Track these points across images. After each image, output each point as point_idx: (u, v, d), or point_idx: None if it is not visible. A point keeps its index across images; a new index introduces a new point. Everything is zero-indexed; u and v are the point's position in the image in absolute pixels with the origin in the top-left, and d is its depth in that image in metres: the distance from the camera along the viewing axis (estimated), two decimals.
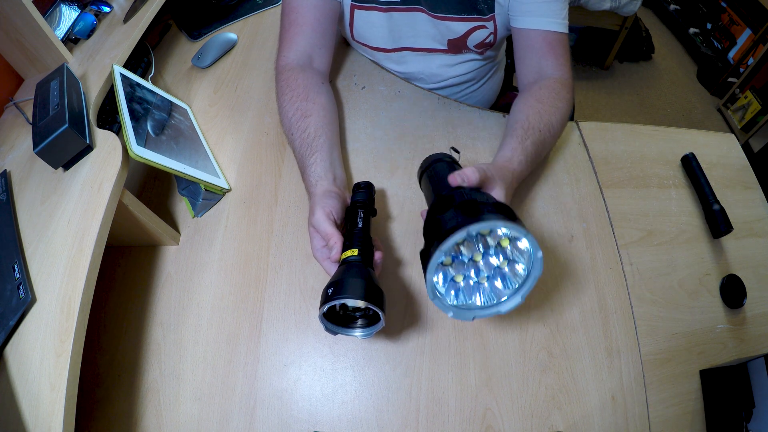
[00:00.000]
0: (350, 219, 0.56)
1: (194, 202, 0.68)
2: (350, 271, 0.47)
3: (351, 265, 0.49)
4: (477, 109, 0.81)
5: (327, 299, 0.45)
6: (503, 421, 0.55)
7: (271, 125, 0.78)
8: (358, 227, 0.54)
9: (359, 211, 0.56)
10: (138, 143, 0.57)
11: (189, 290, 0.63)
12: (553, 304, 0.62)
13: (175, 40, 0.97)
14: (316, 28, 0.72)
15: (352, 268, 0.48)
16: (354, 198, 0.59)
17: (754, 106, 1.98)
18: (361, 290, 0.45)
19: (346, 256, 0.50)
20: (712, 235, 0.71)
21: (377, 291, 0.46)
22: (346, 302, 0.45)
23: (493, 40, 0.78)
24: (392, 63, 0.85)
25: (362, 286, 0.45)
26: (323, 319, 0.47)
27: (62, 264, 0.48)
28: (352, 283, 0.45)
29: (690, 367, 0.61)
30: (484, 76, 0.92)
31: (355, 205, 0.57)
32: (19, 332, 0.46)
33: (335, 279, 0.47)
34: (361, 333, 0.49)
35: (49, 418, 0.41)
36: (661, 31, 2.66)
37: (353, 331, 0.49)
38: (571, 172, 0.74)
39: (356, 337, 0.49)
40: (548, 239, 0.67)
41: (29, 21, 0.66)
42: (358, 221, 0.55)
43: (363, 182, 0.61)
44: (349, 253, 0.50)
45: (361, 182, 0.61)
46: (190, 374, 0.57)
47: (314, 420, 0.55)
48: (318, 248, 0.55)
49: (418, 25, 0.77)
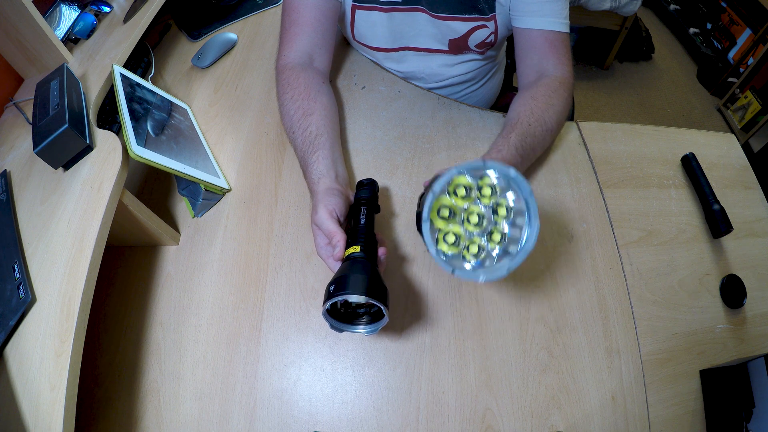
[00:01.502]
0: (353, 216, 0.56)
1: (194, 202, 0.68)
2: (353, 267, 0.47)
3: (354, 262, 0.48)
4: (477, 109, 0.81)
5: (329, 296, 0.45)
6: (503, 421, 0.55)
7: (271, 125, 0.78)
8: (361, 224, 0.54)
9: (362, 208, 0.56)
10: (138, 143, 0.57)
11: (189, 290, 0.63)
12: (553, 304, 0.62)
13: (175, 40, 0.97)
14: (317, 28, 0.72)
15: (355, 264, 0.47)
16: (357, 195, 0.58)
17: (754, 106, 1.98)
18: (363, 286, 0.44)
19: (349, 252, 0.50)
20: (712, 235, 0.71)
21: (380, 286, 0.46)
22: (348, 299, 0.44)
23: (494, 39, 0.78)
24: (392, 62, 0.85)
25: (364, 282, 0.44)
26: (327, 315, 0.46)
27: (62, 264, 0.48)
28: (354, 279, 0.45)
29: (690, 367, 0.61)
30: (485, 76, 0.92)
31: (359, 202, 0.57)
32: (19, 332, 0.46)
33: (338, 276, 0.46)
34: (365, 329, 0.48)
35: (49, 418, 0.41)
36: (661, 31, 2.66)
37: (357, 327, 0.48)
38: (571, 172, 0.74)
39: (361, 333, 0.48)
40: (548, 239, 0.67)
41: (29, 21, 0.66)
42: (361, 218, 0.54)
43: (366, 179, 0.60)
44: (352, 250, 0.50)
45: (364, 179, 0.61)
46: (190, 374, 0.57)
47: (314, 420, 0.55)
48: (322, 246, 0.55)
49: (418, 25, 0.77)
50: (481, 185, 0.48)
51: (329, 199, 0.56)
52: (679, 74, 2.42)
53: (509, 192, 0.48)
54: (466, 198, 0.48)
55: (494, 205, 0.48)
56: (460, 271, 0.45)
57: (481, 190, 0.48)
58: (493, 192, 0.48)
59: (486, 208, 0.48)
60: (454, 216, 0.48)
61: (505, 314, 0.61)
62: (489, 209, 0.48)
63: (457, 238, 0.47)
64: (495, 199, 0.48)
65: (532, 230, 0.45)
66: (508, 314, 0.61)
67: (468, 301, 0.62)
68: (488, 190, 0.47)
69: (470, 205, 0.48)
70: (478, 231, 0.48)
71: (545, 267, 0.65)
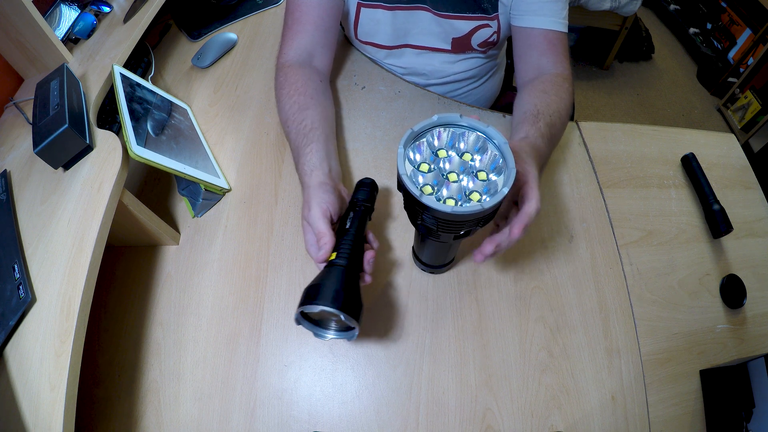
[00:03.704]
0: (344, 218, 0.54)
1: (194, 202, 0.68)
2: (328, 275, 0.46)
3: (332, 269, 0.47)
4: (476, 109, 0.81)
5: (300, 303, 0.45)
6: (503, 421, 0.55)
7: (271, 125, 0.78)
8: (347, 228, 0.52)
9: (350, 213, 0.54)
10: (138, 143, 0.57)
11: (189, 290, 0.63)
12: (553, 304, 0.62)
13: (175, 40, 0.97)
14: (319, 26, 0.72)
15: (331, 272, 0.47)
16: (355, 195, 0.56)
17: (754, 106, 1.98)
18: (331, 297, 0.43)
19: (332, 258, 0.48)
20: (712, 235, 0.71)
21: (352, 298, 0.45)
22: (313, 309, 0.44)
23: (497, 39, 0.79)
24: (394, 58, 0.85)
25: (332, 293, 0.44)
26: (301, 319, 0.46)
27: (62, 264, 0.48)
28: (326, 289, 0.44)
29: (690, 367, 0.61)
30: (486, 74, 0.92)
31: (354, 204, 0.55)
32: (19, 332, 0.46)
33: (313, 282, 0.46)
34: (333, 335, 0.48)
35: (49, 418, 0.41)
36: (661, 31, 2.66)
37: (327, 332, 0.48)
38: (571, 172, 0.74)
39: (328, 338, 0.48)
40: (548, 239, 0.67)
41: (29, 21, 0.66)
42: (348, 222, 0.52)
43: (367, 179, 0.58)
44: (334, 256, 0.48)
45: (365, 179, 0.58)
46: (190, 374, 0.57)
47: (314, 420, 0.55)
48: (311, 243, 0.53)
49: (422, 23, 0.77)
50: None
51: (323, 196, 0.54)
52: (679, 74, 2.42)
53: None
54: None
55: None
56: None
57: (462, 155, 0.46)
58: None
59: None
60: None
61: (505, 314, 0.61)
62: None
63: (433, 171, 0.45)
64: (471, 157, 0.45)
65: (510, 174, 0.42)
66: (508, 314, 0.61)
67: (468, 301, 0.62)
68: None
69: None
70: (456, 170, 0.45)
71: (545, 267, 0.65)
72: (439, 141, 0.45)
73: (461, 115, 0.44)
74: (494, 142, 0.44)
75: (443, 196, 0.43)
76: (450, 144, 0.45)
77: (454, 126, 0.44)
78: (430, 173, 0.44)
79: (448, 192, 0.43)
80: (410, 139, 0.43)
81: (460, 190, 0.43)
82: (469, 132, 0.44)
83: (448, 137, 0.45)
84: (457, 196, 0.43)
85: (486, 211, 0.40)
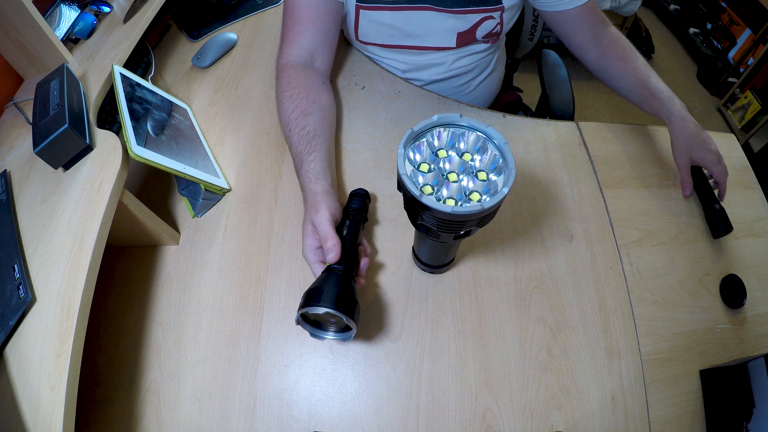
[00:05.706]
0: (340, 226, 0.57)
1: (194, 202, 0.68)
2: (327, 279, 0.50)
3: (330, 274, 0.51)
4: (477, 109, 0.81)
5: (300, 305, 0.48)
6: (503, 421, 0.55)
7: (271, 125, 0.78)
8: (344, 236, 0.55)
9: (349, 220, 0.58)
10: (138, 143, 0.57)
11: (189, 290, 0.63)
12: (553, 304, 0.62)
13: (175, 40, 0.97)
14: (319, 27, 0.72)
15: (330, 277, 0.50)
16: (349, 205, 0.60)
17: (754, 106, 1.97)
18: (331, 300, 0.46)
19: (330, 263, 0.52)
20: (712, 235, 0.71)
21: (349, 301, 0.48)
22: (315, 311, 0.47)
23: (500, 30, 0.80)
24: (396, 54, 0.85)
25: (332, 296, 0.47)
26: (301, 321, 0.49)
27: (62, 264, 0.48)
28: (326, 292, 0.47)
29: (690, 367, 0.61)
30: (486, 68, 0.92)
31: (348, 212, 0.59)
32: (19, 332, 0.46)
33: (313, 286, 0.49)
34: (331, 336, 0.52)
35: (49, 418, 0.41)
36: (661, 31, 2.66)
37: (325, 333, 0.52)
38: (571, 172, 0.74)
39: (327, 339, 0.52)
40: (548, 239, 0.67)
41: (29, 21, 0.66)
42: (344, 229, 0.56)
43: (360, 190, 0.62)
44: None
45: (358, 189, 0.62)
46: (190, 374, 0.57)
47: (314, 420, 0.55)
48: (312, 249, 0.56)
49: (425, 21, 0.77)
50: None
51: (331, 202, 0.56)
52: (679, 74, 2.42)
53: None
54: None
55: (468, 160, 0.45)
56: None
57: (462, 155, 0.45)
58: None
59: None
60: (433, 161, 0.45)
61: (505, 314, 0.61)
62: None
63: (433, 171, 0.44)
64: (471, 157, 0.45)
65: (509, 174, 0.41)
66: (508, 314, 0.61)
67: (468, 301, 0.62)
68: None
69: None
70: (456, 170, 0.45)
71: (545, 267, 0.65)
72: (439, 141, 0.45)
73: (461, 115, 0.44)
74: (494, 142, 0.44)
75: (443, 196, 0.43)
76: (450, 144, 0.45)
77: (454, 126, 0.45)
78: (430, 173, 0.44)
79: (448, 192, 0.43)
80: (410, 139, 0.43)
81: (460, 190, 0.43)
82: (469, 132, 0.44)
83: (448, 137, 0.45)
84: (457, 196, 0.43)
85: (486, 211, 0.40)
